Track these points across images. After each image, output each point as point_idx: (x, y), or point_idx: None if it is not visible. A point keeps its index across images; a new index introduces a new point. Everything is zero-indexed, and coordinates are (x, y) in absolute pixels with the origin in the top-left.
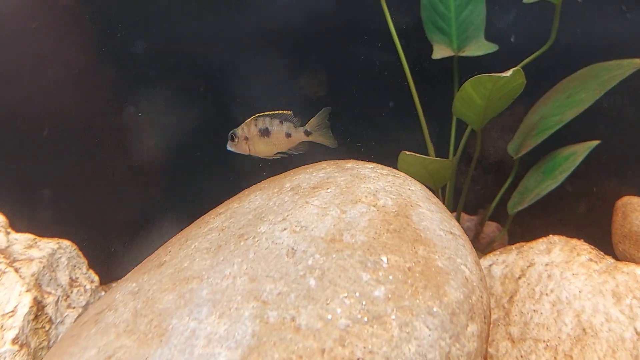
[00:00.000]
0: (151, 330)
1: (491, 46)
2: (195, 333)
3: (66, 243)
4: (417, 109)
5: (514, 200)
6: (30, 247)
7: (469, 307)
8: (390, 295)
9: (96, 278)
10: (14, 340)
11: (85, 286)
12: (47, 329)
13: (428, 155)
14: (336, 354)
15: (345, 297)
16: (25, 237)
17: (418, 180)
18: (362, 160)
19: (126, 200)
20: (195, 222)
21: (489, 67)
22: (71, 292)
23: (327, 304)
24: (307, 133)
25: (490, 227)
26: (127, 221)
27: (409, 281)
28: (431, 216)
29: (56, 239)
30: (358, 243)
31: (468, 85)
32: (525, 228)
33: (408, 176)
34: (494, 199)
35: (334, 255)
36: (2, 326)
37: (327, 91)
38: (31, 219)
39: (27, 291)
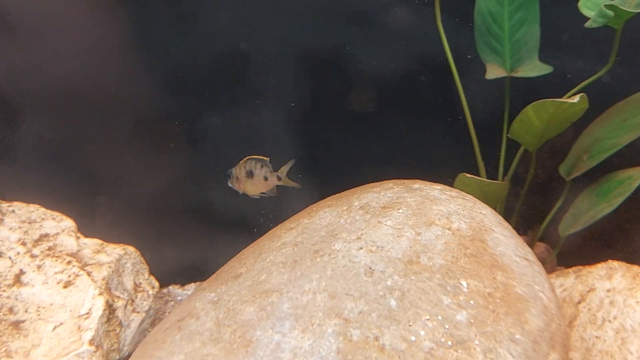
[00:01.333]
0: (236, 340)
1: (545, 67)
2: (280, 346)
3: (131, 249)
4: (469, 129)
5: (566, 223)
6: (98, 252)
7: (549, 335)
8: (472, 320)
9: (156, 284)
10: (91, 341)
11: (148, 291)
12: (117, 331)
13: (479, 176)
14: None
15: (428, 319)
16: (94, 242)
17: None
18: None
19: (184, 208)
20: (265, 235)
21: (539, 88)
22: (136, 296)
23: (410, 326)
24: (279, 178)
25: (539, 249)
26: (179, 227)
27: (490, 307)
28: (506, 241)
29: (122, 244)
30: (436, 266)
31: (530, 109)
32: (573, 250)
33: (476, 199)
34: (542, 220)
35: (412, 277)
36: (79, 327)
37: (376, 107)
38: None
39: (99, 294)
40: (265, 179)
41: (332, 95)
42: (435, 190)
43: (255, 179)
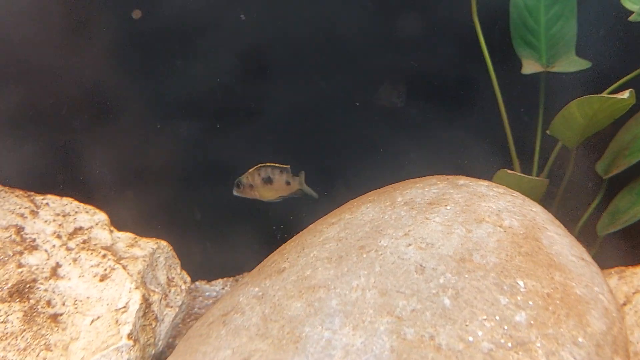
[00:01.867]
0: (284, 336)
1: (583, 63)
2: (331, 343)
3: (163, 243)
4: (504, 125)
5: (604, 222)
6: (132, 245)
7: (612, 339)
8: (532, 322)
9: (188, 279)
10: (129, 335)
11: (180, 286)
12: (153, 326)
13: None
14: None
15: (485, 319)
16: (127, 236)
17: None
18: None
19: (211, 203)
20: (306, 229)
21: (574, 84)
22: (169, 291)
23: (466, 325)
24: (301, 184)
25: None
26: (205, 223)
27: (550, 308)
28: (560, 240)
29: (154, 239)
30: (490, 264)
31: (574, 105)
32: (611, 250)
33: (524, 196)
34: (579, 219)
35: (466, 276)
36: (117, 321)
37: (407, 102)
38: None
39: (136, 288)
40: (288, 183)
41: (359, 90)
42: (482, 186)
43: (275, 184)
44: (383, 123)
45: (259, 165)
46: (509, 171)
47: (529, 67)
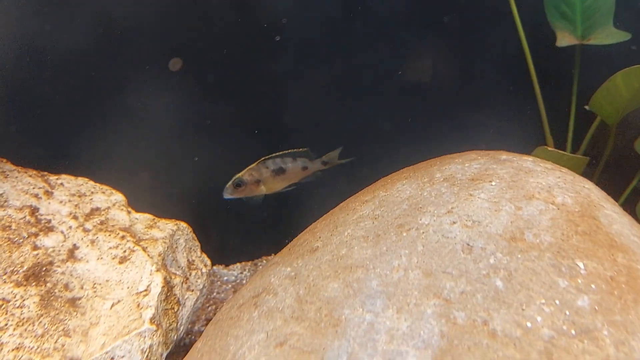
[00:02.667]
0: (322, 319)
1: (622, 34)
2: (373, 327)
3: (183, 225)
4: (537, 101)
5: None
6: (150, 227)
7: None
8: (596, 307)
9: (209, 262)
10: (152, 320)
11: (201, 269)
12: (175, 310)
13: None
14: None
15: (543, 304)
16: (145, 217)
17: None
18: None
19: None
20: (338, 207)
21: (611, 57)
22: (190, 274)
23: (523, 310)
24: (324, 163)
25: None
26: (223, 208)
27: (615, 292)
28: (620, 219)
29: (173, 220)
30: (544, 244)
31: (619, 77)
32: None
33: (574, 172)
34: (616, 201)
35: (519, 256)
36: (138, 305)
37: (435, 78)
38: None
39: (157, 271)
40: (305, 168)
41: (386, 66)
42: (527, 161)
43: (288, 173)
44: (411, 100)
45: (262, 159)
46: (550, 148)
47: (564, 39)
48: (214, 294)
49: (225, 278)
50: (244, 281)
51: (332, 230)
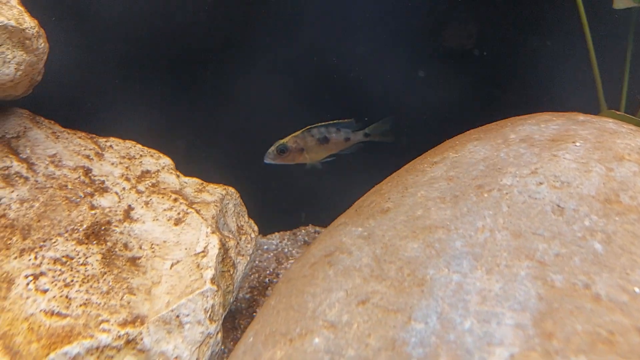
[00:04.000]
0: (405, 278)
1: None
2: (462, 287)
3: (232, 190)
4: (592, 63)
5: None
6: (200, 191)
7: None
8: None
9: (256, 227)
10: (212, 280)
11: (250, 234)
12: (231, 272)
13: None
14: None
15: None
16: (194, 181)
17: None
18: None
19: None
20: (403, 169)
21: None
22: (240, 239)
23: (627, 274)
24: (367, 135)
25: None
26: (261, 177)
27: None
28: None
29: (221, 185)
30: None
31: None
32: None
33: None
34: None
35: (616, 218)
36: (198, 265)
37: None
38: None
39: (212, 233)
40: (347, 139)
41: (430, 32)
42: (609, 123)
43: (331, 142)
44: (462, 67)
45: (307, 127)
46: (618, 112)
47: (621, 1)
48: (256, 262)
49: (266, 247)
50: (285, 250)
51: (402, 192)
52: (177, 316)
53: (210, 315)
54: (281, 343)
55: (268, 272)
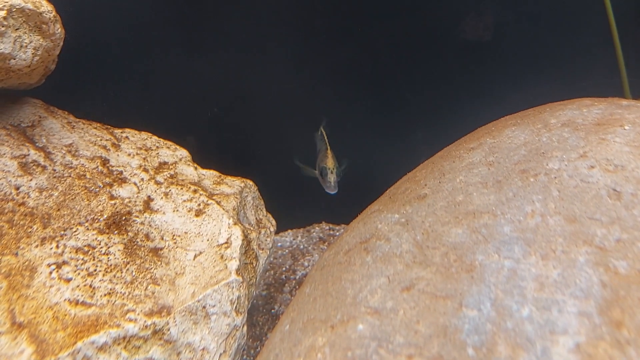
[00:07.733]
0: (451, 264)
1: None
2: (517, 273)
3: (250, 182)
4: (617, 53)
5: None
6: (218, 183)
7: None
8: None
9: (274, 221)
10: (237, 271)
11: (269, 228)
12: (254, 265)
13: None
14: None
15: None
16: (211, 173)
17: None
18: None
19: (281, 155)
20: (437, 156)
21: None
22: (259, 232)
23: None
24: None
25: None
26: (275, 174)
27: None
28: None
29: (240, 177)
30: None
31: None
32: None
33: None
34: None
35: None
36: (222, 256)
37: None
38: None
39: (234, 224)
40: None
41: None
42: None
43: None
44: (489, 56)
45: (322, 130)
46: None
47: None
48: (271, 258)
49: (280, 244)
50: (301, 247)
51: (439, 178)
52: (204, 307)
53: (236, 307)
54: (322, 330)
55: (284, 268)
